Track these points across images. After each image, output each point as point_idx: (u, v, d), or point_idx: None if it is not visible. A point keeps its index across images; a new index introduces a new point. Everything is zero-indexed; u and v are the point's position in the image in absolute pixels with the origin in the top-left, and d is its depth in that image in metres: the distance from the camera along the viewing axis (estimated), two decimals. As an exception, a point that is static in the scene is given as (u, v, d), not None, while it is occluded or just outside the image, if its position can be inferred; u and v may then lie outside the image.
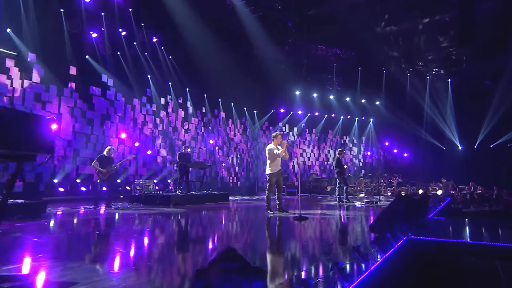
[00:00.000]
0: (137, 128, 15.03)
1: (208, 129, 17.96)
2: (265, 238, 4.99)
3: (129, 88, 14.67)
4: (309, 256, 3.75)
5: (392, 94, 20.75)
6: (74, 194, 12.34)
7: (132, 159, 13.85)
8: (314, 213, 7.64)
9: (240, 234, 5.22)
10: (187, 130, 17.13)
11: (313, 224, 6.14)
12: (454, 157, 19.77)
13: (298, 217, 6.44)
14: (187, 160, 11.54)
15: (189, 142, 17.11)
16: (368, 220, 6.80)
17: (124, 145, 14.53)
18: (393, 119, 20.83)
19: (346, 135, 23.20)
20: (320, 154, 22.37)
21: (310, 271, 3.05)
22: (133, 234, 5.23)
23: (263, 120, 20.51)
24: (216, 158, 18.17)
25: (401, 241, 4.20)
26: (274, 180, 7.25)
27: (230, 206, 10.16)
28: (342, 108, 21.90)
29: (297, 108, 21.25)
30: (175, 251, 4.19)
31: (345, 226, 5.96)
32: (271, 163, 7.22)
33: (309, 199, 14.09)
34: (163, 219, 7.21)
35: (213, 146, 18.10)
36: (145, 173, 15.17)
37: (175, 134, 16.57)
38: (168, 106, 16.40)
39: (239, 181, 19.32)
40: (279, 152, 7.13)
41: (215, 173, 18.13)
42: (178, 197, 10.34)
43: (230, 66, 15.91)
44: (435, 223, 5.84)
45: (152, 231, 5.63)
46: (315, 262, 3.46)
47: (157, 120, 15.85)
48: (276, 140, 7.33)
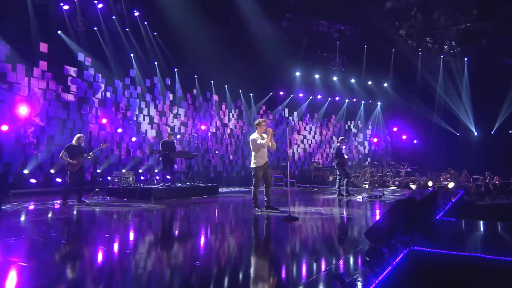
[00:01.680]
0: (119, 112, 14.53)
1: (199, 113, 17.60)
2: (238, 249, 4.41)
3: (110, 69, 14.04)
4: (281, 281, 3.16)
5: (402, 75, 20.22)
6: (48, 186, 11.85)
7: (105, 148, 13.32)
8: (307, 211, 7.16)
9: (210, 245, 4.64)
10: (176, 115, 16.70)
11: (302, 227, 5.62)
12: (469, 144, 19.28)
13: (287, 217, 5.96)
14: (171, 149, 11.09)
15: (178, 128, 16.73)
16: (368, 220, 6.23)
17: (105, 132, 14.04)
18: (403, 103, 20.36)
19: (351, 120, 22.89)
20: (322, 140, 22.03)
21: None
22: (77, 245, 4.66)
23: (260, 103, 20.14)
24: (208, 146, 17.87)
25: (401, 255, 3.61)
26: (260, 174, 6.81)
27: (218, 201, 9.83)
28: (347, 91, 21.44)
29: (298, 91, 20.85)
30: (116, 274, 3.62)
31: (339, 231, 5.38)
32: (256, 154, 6.77)
33: (306, 191, 13.75)
34: (130, 219, 6.68)
35: (205, 132, 17.81)
36: (129, 162, 14.74)
37: (162, 119, 16.11)
38: (154, 88, 15.91)
39: (234, 170, 19.05)
40: (263, 142, 6.64)
41: (207, 162, 17.81)
42: (160, 191, 10.01)
43: (223, 44, 15.35)
44: (445, 226, 5.34)
45: (104, 241, 5.06)
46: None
47: (142, 104, 15.38)
48: (260, 128, 6.86)
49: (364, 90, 21.62)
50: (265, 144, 6.60)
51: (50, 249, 4.26)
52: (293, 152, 21.07)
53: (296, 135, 21.40)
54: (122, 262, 3.69)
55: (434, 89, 20.16)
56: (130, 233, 5.30)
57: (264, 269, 3.53)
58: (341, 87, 21.22)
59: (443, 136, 20.16)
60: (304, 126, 21.75)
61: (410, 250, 3.73)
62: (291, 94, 20.79)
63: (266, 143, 6.61)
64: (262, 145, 6.63)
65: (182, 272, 3.34)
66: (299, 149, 21.40)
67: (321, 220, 6.17)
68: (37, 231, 5.23)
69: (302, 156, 21.39)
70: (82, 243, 4.60)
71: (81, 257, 3.92)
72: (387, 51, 19.94)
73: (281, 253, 4.07)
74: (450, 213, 6.07)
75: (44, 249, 4.23)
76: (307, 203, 9.29)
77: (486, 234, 5.07)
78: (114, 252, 4.15)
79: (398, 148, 23.03)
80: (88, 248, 4.35)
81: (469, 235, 4.86)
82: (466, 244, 4.39)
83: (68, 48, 12.67)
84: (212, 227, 5.81)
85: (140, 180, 14.04)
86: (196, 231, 5.48)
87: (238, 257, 3.95)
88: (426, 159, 19.24)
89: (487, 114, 18.80)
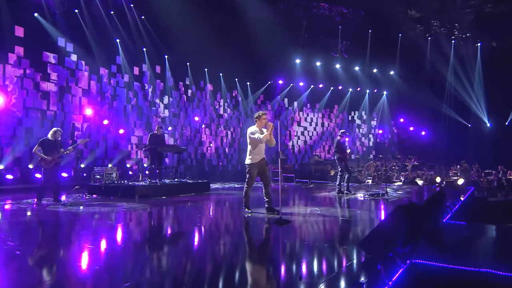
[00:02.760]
0: (105, 102, 14.19)
1: (192, 104, 17.32)
2: (211, 262, 4.02)
3: (94, 55, 13.62)
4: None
5: (409, 62, 19.94)
6: (27, 182, 11.43)
7: (90, 141, 13.06)
8: (301, 212, 6.78)
9: (177, 259, 4.25)
10: (167, 105, 16.40)
11: (292, 232, 5.24)
12: (481, 136, 19.09)
13: (278, 220, 5.58)
14: (159, 143, 10.74)
15: (170, 119, 16.42)
16: (367, 224, 5.84)
17: (90, 123, 13.67)
18: (410, 92, 20.06)
19: (354, 110, 22.62)
20: (324, 132, 21.79)
21: None
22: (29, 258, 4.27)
23: (258, 93, 19.87)
24: (202, 138, 17.63)
25: (400, 270, 3.21)
26: (255, 171, 6.39)
27: (207, 199, 9.47)
28: (350, 79, 21.15)
29: (298, 79, 20.58)
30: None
31: (332, 238, 4.99)
32: (252, 150, 6.35)
33: (305, 187, 13.42)
34: (105, 224, 6.29)
35: (199, 123, 17.58)
36: (116, 155, 14.41)
37: (152, 110, 15.78)
38: (143, 77, 15.55)
39: (229, 164, 18.81)
40: (261, 137, 6.21)
41: (201, 155, 17.57)
42: (145, 188, 9.65)
43: (218, 28, 15.09)
44: (453, 231, 4.93)
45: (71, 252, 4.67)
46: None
47: (130, 93, 15.03)
48: (260, 121, 6.42)
49: (368, 78, 21.34)
50: (263, 140, 6.22)
51: (0, 260, 3.88)
52: (292, 144, 20.82)
53: (296, 126, 21.20)
54: (81, 278, 3.31)
55: (444, 77, 19.94)
56: (100, 242, 4.91)
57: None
58: (344, 75, 20.92)
59: (453, 127, 20.00)
60: (305, 117, 21.54)
61: (411, 263, 3.33)
62: (291, 83, 20.53)
63: (264, 138, 6.22)
64: (260, 140, 6.24)
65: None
66: (299, 141, 21.20)
67: (315, 224, 5.79)
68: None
69: (302, 149, 21.16)
70: (35, 255, 4.21)
71: (30, 274, 3.53)
72: (394, 37, 19.80)
73: (260, 269, 3.68)
74: (459, 215, 5.70)
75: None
76: (304, 202, 8.94)
77: (500, 243, 4.66)
78: (72, 266, 3.76)
79: (404, 140, 23.04)
80: (39, 262, 3.95)
81: (480, 244, 4.46)
82: (476, 255, 3.98)
83: (46, 33, 12.22)
84: (189, 234, 5.42)
85: (128, 175, 13.74)
86: (169, 240, 5.10)
87: (208, 273, 3.55)
88: (435, 152, 19.25)
89: (501, 104, 18.51)
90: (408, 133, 23.07)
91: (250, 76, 18.77)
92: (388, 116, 22.98)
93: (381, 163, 16.02)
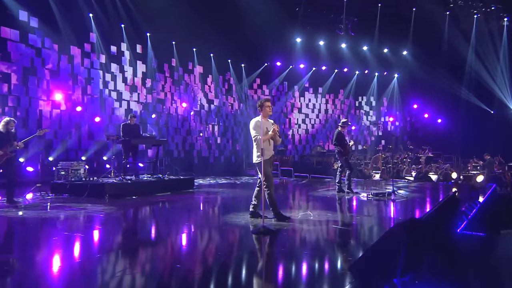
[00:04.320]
0: (78, 87, 13.74)
1: (179, 88, 17.06)
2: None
3: (63, 32, 13.06)
4: None
5: (424, 41, 19.57)
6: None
7: (62, 131, 12.63)
8: (291, 216, 6.21)
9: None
10: (150, 90, 16.04)
11: (274, 246, 4.78)
12: (505, 124, 18.84)
13: (260, 229, 5.10)
14: (133, 134, 10.38)
15: (153, 106, 16.11)
16: (368, 237, 5.22)
17: (60, 110, 13.20)
18: (424, 74, 19.85)
19: (361, 95, 22.50)
20: (327, 120, 21.70)
21: None
22: None
23: (253, 76, 19.73)
24: (191, 127, 17.43)
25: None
26: (269, 169, 5.93)
27: (188, 200, 9.03)
28: (357, 60, 20.86)
29: (298, 61, 20.43)
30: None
31: (320, 257, 4.34)
32: (258, 145, 5.86)
33: (304, 183, 13.17)
34: (53, 234, 5.68)
35: (187, 110, 17.32)
36: (91, 147, 14.04)
37: (133, 95, 15.39)
38: (122, 57, 15.14)
39: (222, 156, 18.67)
40: (260, 138, 5.77)
41: (189, 146, 17.36)
42: (116, 187, 9.27)
43: (207, 2, 14.81)
44: (468, 246, 4.37)
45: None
46: None
47: (107, 76, 14.61)
48: (263, 110, 5.94)
49: (378, 59, 21.09)
50: (259, 142, 5.77)
51: None
52: (292, 133, 20.70)
53: (296, 113, 21.06)
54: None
55: (463, 57, 19.60)
56: (33, 266, 4.30)
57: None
58: (350, 56, 20.68)
59: (474, 114, 19.79)
60: (306, 103, 21.30)
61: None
62: (290, 65, 20.36)
63: (263, 141, 5.77)
64: (257, 141, 5.82)
65: None
66: (300, 130, 21.10)
67: (303, 234, 5.22)
68: None
69: (303, 138, 21.01)
70: None
71: None
72: (407, 12, 19.33)
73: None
74: (476, 223, 5.18)
75: None
76: (297, 203, 8.56)
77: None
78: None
79: (418, 129, 23.04)
80: None
81: (505, 269, 3.76)
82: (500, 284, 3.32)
83: (4, 5, 11.60)
84: (139, 255, 4.79)
85: (105, 169, 13.27)
86: (123, 264, 4.46)
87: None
88: (452, 142, 19.08)
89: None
90: (422, 121, 23.06)
91: (245, 57, 18.58)
92: (399, 102, 22.95)
93: (391, 155, 15.58)
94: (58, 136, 13.05)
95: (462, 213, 5.49)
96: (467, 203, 5.98)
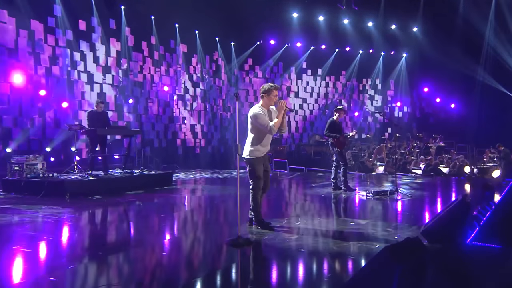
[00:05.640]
0: (41, 67, 13.34)
1: (160, 69, 16.88)
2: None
3: (21, 3, 12.50)
4: None
5: (436, 16, 19.40)
6: None
7: (20, 118, 12.23)
8: (273, 224, 5.68)
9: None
10: (127, 71, 15.76)
11: (253, 262, 4.42)
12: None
13: (237, 240, 4.73)
14: (100, 123, 10.08)
15: (130, 89, 15.93)
16: (363, 253, 4.58)
17: (20, 94, 12.69)
18: (436, 54, 19.54)
19: (365, 77, 22.40)
20: (327, 105, 21.63)
21: None
22: None
23: (244, 55, 19.62)
24: (174, 113, 17.38)
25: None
26: (261, 168, 5.55)
27: (162, 201, 8.70)
28: (361, 38, 20.76)
29: (295, 39, 20.29)
30: None
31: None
32: (257, 140, 5.48)
33: (298, 177, 13.02)
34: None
35: (170, 95, 17.19)
36: (59, 136, 13.55)
37: (106, 77, 15.11)
38: (93, 34, 14.69)
39: (209, 145, 18.81)
40: (271, 125, 5.33)
41: (172, 135, 17.49)
42: (79, 184, 8.99)
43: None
44: (479, 262, 4.08)
45: None
46: None
47: (76, 55, 14.21)
48: (268, 98, 5.45)
49: (384, 37, 21.02)
50: (274, 128, 5.35)
51: None
52: (288, 120, 20.82)
53: (293, 97, 20.99)
54: None
55: (481, 34, 19.19)
56: None
57: None
58: (353, 33, 20.58)
59: (492, 98, 19.41)
60: (304, 86, 21.21)
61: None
62: (286, 43, 20.31)
63: (276, 127, 5.35)
64: (270, 128, 5.34)
65: None
66: (297, 116, 21.09)
67: (281, 251, 4.64)
68: None
69: (300, 126, 21.12)
70: None
71: None
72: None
73: None
74: (490, 231, 4.68)
75: None
76: (284, 204, 8.20)
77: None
78: None
79: (429, 115, 23.01)
80: None
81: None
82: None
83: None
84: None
85: (74, 161, 12.92)
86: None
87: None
88: (467, 130, 18.96)
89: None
90: (433, 106, 22.92)
91: (235, 35, 18.53)
92: (407, 85, 22.85)
93: (397, 144, 15.25)
94: (18, 124, 12.56)
95: (474, 218, 5.00)
96: (480, 204, 5.54)
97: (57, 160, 13.15)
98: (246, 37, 18.84)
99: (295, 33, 19.88)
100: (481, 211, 5.47)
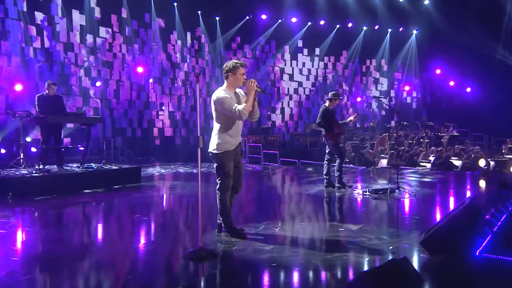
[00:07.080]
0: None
1: (133, 48, 16.60)
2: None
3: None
4: None
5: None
6: None
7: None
8: (250, 231, 5.49)
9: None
10: (93, 49, 15.48)
11: (211, 280, 4.14)
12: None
13: (198, 252, 4.51)
14: (53, 108, 9.64)
15: (98, 71, 15.66)
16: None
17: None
18: (450, 31, 19.31)
19: (370, 58, 22.45)
20: (326, 89, 21.45)
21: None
22: None
23: (231, 32, 19.50)
24: (150, 98, 17.17)
25: None
26: (231, 164, 5.31)
27: (125, 202, 8.40)
28: (365, 13, 20.65)
29: (289, 13, 20.20)
30: None
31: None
32: (225, 129, 5.23)
33: (288, 172, 12.94)
34: None
35: (145, 77, 16.96)
36: (11, 124, 12.88)
37: (68, 55, 14.69)
38: (51, 4, 14.34)
39: (191, 135, 18.62)
40: (241, 109, 5.05)
41: (148, 123, 17.28)
42: (25, 182, 8.64)
43: None
44: (491, 279, 3.85)
45: None
46: None
47: (31, 30, 13.85)
48: (234, 78, 5.20)
49: (391, 11, 20.91)
50: (244, 112, 5.06)
51: None
52: (282, 107, 20.85)
53: (287, 80, 20.88)
54: None
55: (501, 7, 19.10)
56: None
57: None
58: (356, 7, 20.45)
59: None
60: (300, 68, 21.11)
61: None
62: (279, 18, 20.16)
63: (246, 111, 5.07)
64: (239, 114, 5.06)
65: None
66: (291, 102, 21.01)
67: (249, 266, 4.42)
68: None
69: (295, 113, 21.08)
70: None
71: None
72: None
73: None
74: (505, 239, 4.60)
75: None
76: (266, 206, 7.86)
77: None
78: None
79: (441, 99, 22.91)
80: None
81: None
82: None
83: None
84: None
85: (30, 153, 12.53)
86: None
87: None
88: (484, 117, 18.75)
89: None
90: (446, 90, 22.80)
91: (220, 8, 18.31)
92: (418, 67, 22.84)
93: (405, 133, 14.63)
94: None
95: (486, 223, 4.84)
96: (494, 206, 5.40)
97: (8, 152, 12.70)
98: (233, 11, 18.60)
99: (290, 7, 19.76)
100: (495, 214, 5.47)
